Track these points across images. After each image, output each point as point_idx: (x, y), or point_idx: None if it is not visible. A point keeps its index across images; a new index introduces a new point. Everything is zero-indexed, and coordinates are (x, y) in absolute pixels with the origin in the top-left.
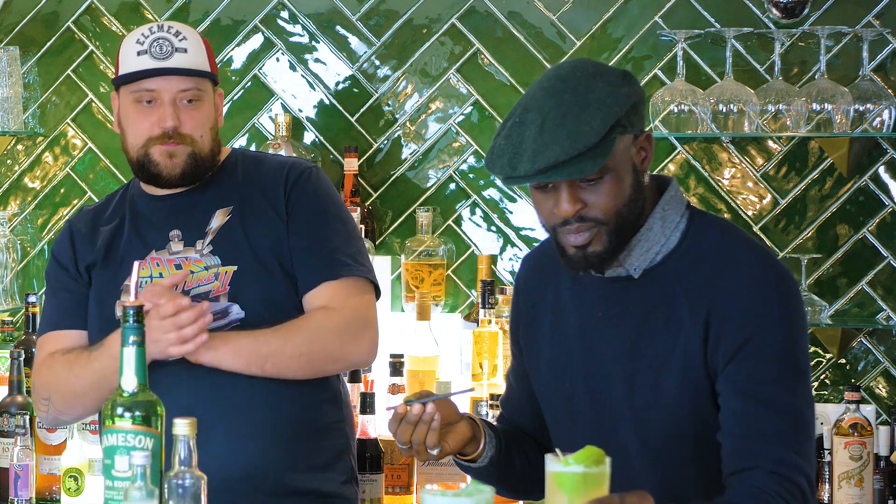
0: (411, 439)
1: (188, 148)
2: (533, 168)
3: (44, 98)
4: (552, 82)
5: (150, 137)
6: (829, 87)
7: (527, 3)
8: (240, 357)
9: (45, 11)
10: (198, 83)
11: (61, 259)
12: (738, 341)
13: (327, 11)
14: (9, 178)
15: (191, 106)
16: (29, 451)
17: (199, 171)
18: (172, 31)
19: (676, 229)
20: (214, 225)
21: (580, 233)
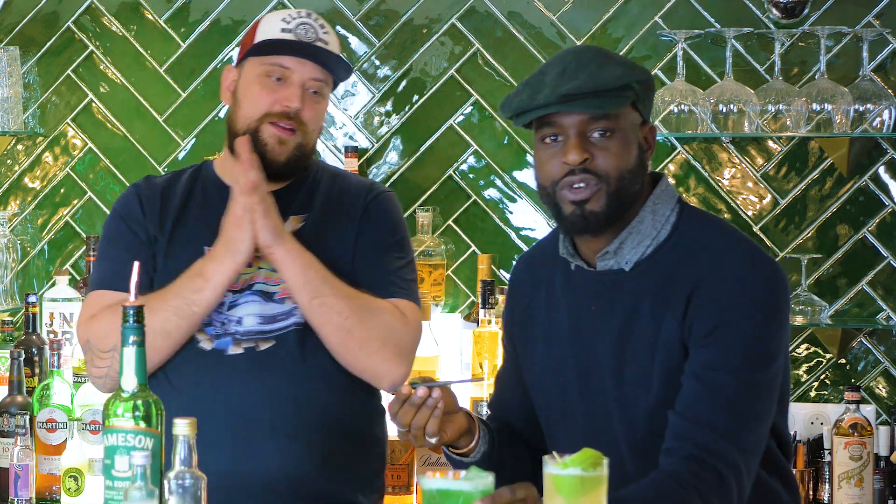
0: (412, 423)
1: (299, 138)
2: (553, 95)
3: (44, 98)
4: (574, 47)
5: (269, 113)
6: (829, 87)
7: (527, 4)
8: (303, 274)
9: (45, 11)
10: (326, 78)
11: (128, 217)
12: (708, 328)
13: (327, 11)
14: (9, 178)
15: (314, 97)
16: (29, 451)
17: (299, 165)
18: (318, 21)
19: (667, 223)
20: (287, 229)
21: (582, 184)
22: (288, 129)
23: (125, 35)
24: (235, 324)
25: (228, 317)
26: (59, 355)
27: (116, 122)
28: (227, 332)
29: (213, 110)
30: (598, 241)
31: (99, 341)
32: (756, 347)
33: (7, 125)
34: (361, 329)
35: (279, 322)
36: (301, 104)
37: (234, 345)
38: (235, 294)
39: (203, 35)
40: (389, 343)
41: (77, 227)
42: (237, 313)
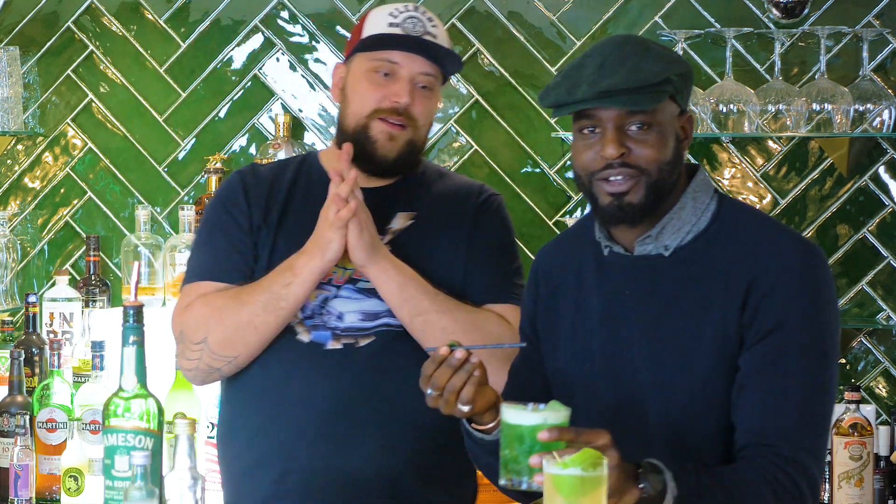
0: (446, 385)
1: (409, 134)
2: (591, 91)
3: (44, 98)
4: (614, 37)
5: (378, 109)
6: (829, 87)
7: (527, 4)
8: (400, 292)
9: (45, 11)
10: (436, 72)
11: (233, 206)
12: (773, 321)
13: (327, 11)
14: (9, 178)
15: (424, 92)
16: (29, 451)
17: (410, 161)
18: (426, 15)
19: (707, 210)
20: (396, 226)
21: (620, 178)
22: (398, 125)
23: (125, 35)
24: (336, 318)
25: (329, 310)
26: (59, 355)
27: (116, 121)
28: (327, 326)
29: (213, 110)
30: (634, 229)
31: (191, 332)
32: (820, 345)
33: (7, 125)
34: (466, 343)
35: (381, 319)
36: (410, 99)
37: (333, 339)
38: (337, 289)
39: (203, 35)
40: (496, 353)
41: (77, 227)
42: (338, 308)
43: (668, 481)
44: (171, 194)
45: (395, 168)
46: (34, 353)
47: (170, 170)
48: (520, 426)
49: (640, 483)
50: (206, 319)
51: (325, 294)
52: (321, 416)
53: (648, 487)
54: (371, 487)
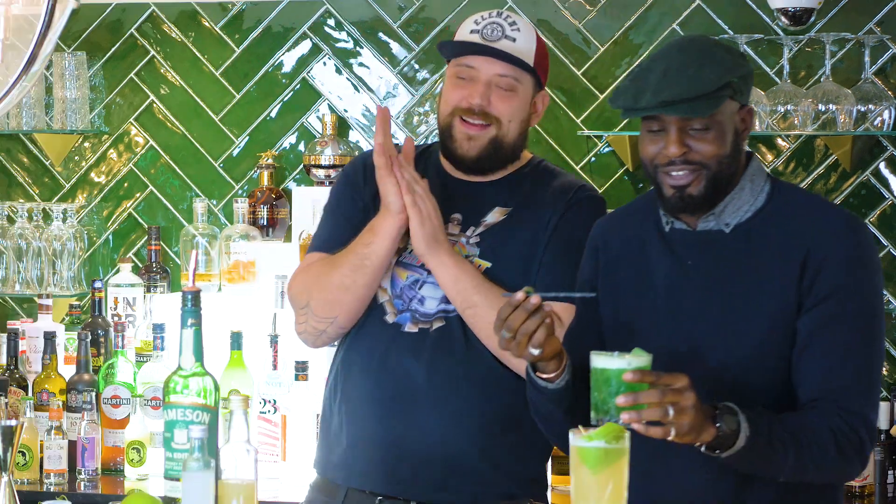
0: (519, 328)
1: (492, 132)
2: (654, 101)
3: (108, 99)
4: (678, 41)
5: (457, 107)
6: (834, 89)
7: (554, 12)
8: (454, 284)
9: (110, 19)
10: (516, 73)
11: (353, 184)
12: (830, 286)
13: (370, 19)
14: (76, 173)
15: (505, 92)
16: (95, 426)
17: (497, 158)
18: (509, 20)
19: (763, 192)
20: (490, 220)
21: (681, 173)
22: (476, 125)
23: (184, 41)
24: (418, 302)
25: (415, 294)
26: (122, 337)
27: (175, 121)
28: (409, 308)
29: (265, 110)
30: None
31: (296, 299)
32: (871, 306)
33: (75, 124)
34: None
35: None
36: (485, 100)
37: (411, 322)
38: (427, 273)
39: (256, 41)
40: (560, 312)
41: (139, 219)
42: (423, 293)
43: (742, 422)
44: (225, 188)
45: (481, 165)
46: (100, 334)
47: (225, 165)
48: (607, 370)
49: (717, 422)
50: (307, 286)
51: (417, 277)
52: (391, 393)
53: (724, 426)
54: (432, 464)
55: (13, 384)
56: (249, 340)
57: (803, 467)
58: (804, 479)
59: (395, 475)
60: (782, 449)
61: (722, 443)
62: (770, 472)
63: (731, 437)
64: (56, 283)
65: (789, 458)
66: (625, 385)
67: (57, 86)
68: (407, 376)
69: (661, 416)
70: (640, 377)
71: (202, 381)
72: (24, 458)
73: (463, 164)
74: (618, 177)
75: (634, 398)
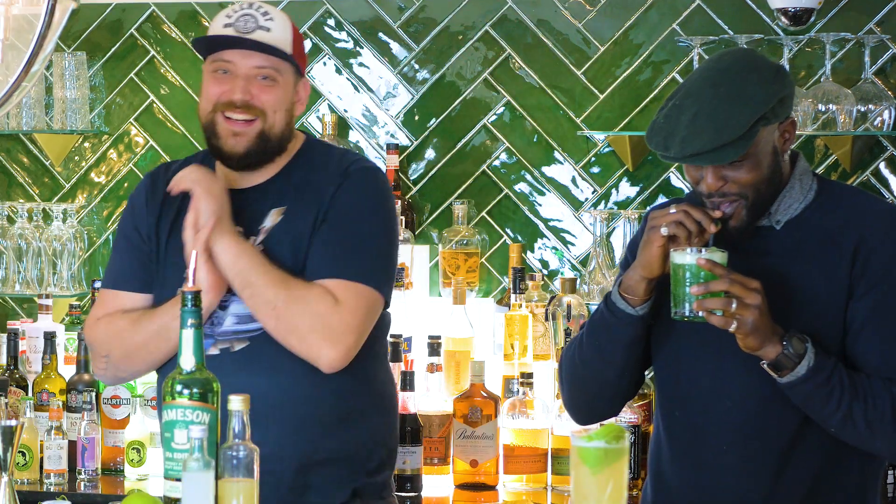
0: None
1: (258, 126)
2: (681, 153)
3: (108, 99)
4: (712, 74)
5: (218, 102)
6: (834, 89)
7: (554, 12)
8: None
9: (110, 19)
10: (274, 63)
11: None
12: (881, 272)
13: (370, 19)
14: (76, 173)
15: (266, 83)
16: (95, 426)
17: (266, 151)
18: (261, 10)
19: (811, 189)
20: (267, 224)
21: (722, 205)
22: (240, 121)
23: (184, 41)
24: (211, 324)
25: (213, 317)
26: None
27: (175, 121)
28: (209, 334)
29: None
30: None
31: (98, 347)
32: None
33: (75, 124)
34: (288, 317)
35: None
36: (247, 94)
37: (212, 346)
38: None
39: None
40: (317, 328)
41: None
42: (221, 315)
43: (809, 352)
44: None
45: (249, 161)
46: None
47: None
48: (684, 265)
49: (784, 341)
50: (109, 339)
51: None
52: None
53: (790, 347)
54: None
55: (13, 384)
56: None
57: (854, 420)
58: (854, 437)
59: None
60: (839, 391)
61: (784, 364)
62: (822, 412)
63: (794, 360)
64: (56, 283)
65: (843, 403)
66: (699, 276)
67: (57, 86)
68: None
69: (724, 305)
70: (712, 267)
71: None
72: (24, 458)
73: (231, 160)
74: (618, 177)
75: (705, 287)
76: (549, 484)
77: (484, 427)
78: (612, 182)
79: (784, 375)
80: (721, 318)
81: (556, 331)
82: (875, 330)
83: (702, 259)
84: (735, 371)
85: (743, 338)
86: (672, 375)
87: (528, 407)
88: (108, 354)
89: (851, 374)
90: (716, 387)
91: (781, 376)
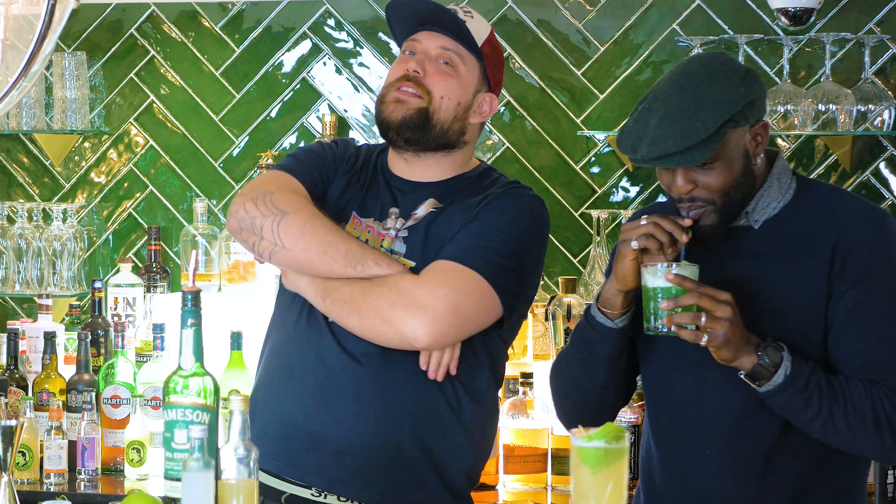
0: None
1: (421, 102)
2: (649, 155)
3: (108, 99)
4: (680, 78)
5: (395, 79)
6: (834, 89)
7: (555, 12)
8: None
9: (110, 19)
10: (458, 49)
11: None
12: (858, 271)
13: (370, 19)
14: (76, 173)
15: (444, 67)
16: (95, 426)
17: (424, 132)
18: (465, 8)
19: (790, 189)
20: (420, 213)
21: (692, 210)
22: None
23: (184, 41)
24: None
25: None
26: (122, 336)
27: (175, 121)
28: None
29: (264, 110)
30: None
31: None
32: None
33: (75, 124)
34: (368, 303)
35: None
36: (422, 69)
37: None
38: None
39: (256, 41)
40: (398, 304)
41: (139, 219)
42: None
43: (785, 360)
44: (226, 188)
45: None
46: (100, 334)
47: (225, 165)
48: (654, 280)
49: (759, 351)
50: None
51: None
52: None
53: (766, 357)
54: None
55: (13, 384)
56: (249, 340)
57: (835, 424)
58: (837, 440)
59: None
60: (818, 396)
61: (761, 374)
62: (802, 418)
63: (769, 370)
64: (56, 283)
65: (823, 408)
66: (668, 290)
67: (57, 86)
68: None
69: (693, 319)
70: (680, 281)
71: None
72: (24, 458)
73: (388, 129)
74: (618, 177)
75: (675, 302)
76: (549, 484)
77: None
78: (612, 182)
79: (762, 385)
80: (692, 333)
81: (555, 331)
82: (856, 329)
83: (670, 274)
84: (716, 377)
85: (715, 350)
86: (656, 383)
87: (528, 407)
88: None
89: (830, 379)
90: (698, 394)
91: (759, 386)
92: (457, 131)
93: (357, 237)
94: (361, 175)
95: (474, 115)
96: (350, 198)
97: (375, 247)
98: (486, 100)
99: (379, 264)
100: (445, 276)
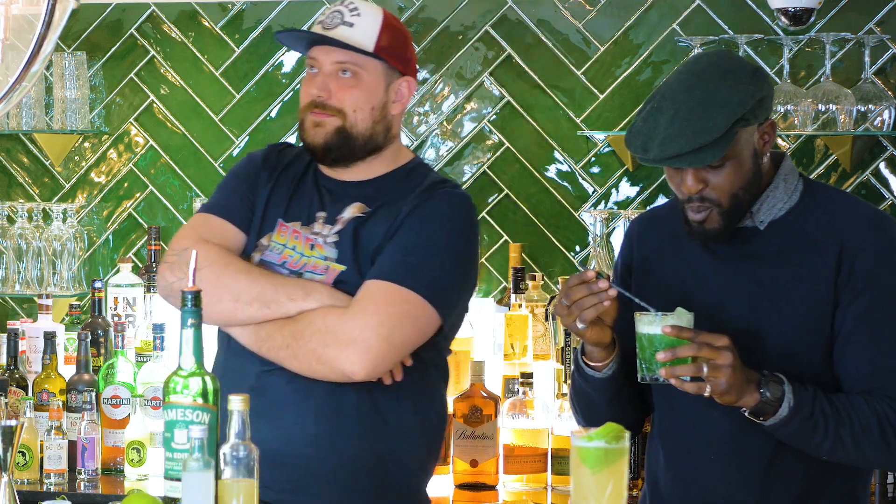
0: (577, 301)
1: (337, 121)
2: (660, 155)
3: (108, 99)
4: (689, 77)
5: (306, 104)
6: (834, 89)
7: (555, 12)
8: (252, 335)
9: (110, 19)
10: (355, 59)
11: (253, 166)
12: (865, 279)
13: None
14: (76, 173)
15: (346, 79)
16: (95, 426)
17: (349, 147)
18: (351, 6)
19: (796, 190)
20: (346, 215)
21: (699, 211)
22: (322, 114)
23: (184, 41)
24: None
25: None
26: (122, 337)
27: (175, 121)
28: None
29: (264, 110)
30: None
31: (175, 242)
32: None
33: (75, 124)
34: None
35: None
36: (325, 91)
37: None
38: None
39: (256, 41)
40: (329, 342)
41: (139, 219)
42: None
43: (787, 392)
44: None
45: (332, 155)
46: (100, 334)
47: (225, 165)
48: (649, 333)
49: (761, 388)
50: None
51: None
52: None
53: (768, 393)
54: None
55: (13, 384)
56: None
57: (843, 444)
58: (846, 458)
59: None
60: (823, 423)
61: (765, 409)
62: (810, 445)
63: (774, 405)
64: (56, 283)
65: (830, 430)
66: (666, 342)
67: (57, 86)
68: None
69: (694, 371)
70: (678, 333)
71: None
72: (24, 458)
73: (315, 153)
74: (618, 177)
75: (673, 353)
76: (549, 484)
77: (484, 427)
78: (612, 182)
79: (767, 419)
80: (694, 385)
81: (556, 331)
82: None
83: (667, 327)
84: None
85: (718, 397)
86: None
87: (528, 407)
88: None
89: (832, 399)
90: (703, 400)
91: (764, 420)
92: (381, 132)
93: (284, 245)
94: (288, 176)
95: (394, 105)
96: (275, 204)
97: (305, 251)
98: (403, 85)
99: (293, 299)
100: (377, 304)
